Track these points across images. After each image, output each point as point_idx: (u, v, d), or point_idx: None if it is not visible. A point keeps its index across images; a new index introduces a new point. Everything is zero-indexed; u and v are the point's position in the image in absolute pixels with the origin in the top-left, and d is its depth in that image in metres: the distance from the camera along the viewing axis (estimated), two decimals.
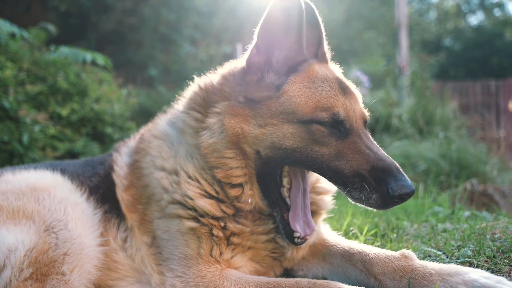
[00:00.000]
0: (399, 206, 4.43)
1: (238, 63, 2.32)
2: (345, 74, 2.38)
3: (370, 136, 2.15)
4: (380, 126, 9.22)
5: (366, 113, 2.24)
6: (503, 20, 39.27)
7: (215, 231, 2.13)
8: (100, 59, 6.79)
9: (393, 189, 1.88)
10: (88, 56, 6.58)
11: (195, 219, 2.15)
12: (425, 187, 5.52)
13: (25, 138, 5.40)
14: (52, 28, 7.67)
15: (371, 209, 1.99)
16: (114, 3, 15.96)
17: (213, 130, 2.15)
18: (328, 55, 2.38)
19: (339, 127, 2.05)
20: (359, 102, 2.24)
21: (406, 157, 6.52)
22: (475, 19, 44.18)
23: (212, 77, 2.36)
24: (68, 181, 2.42)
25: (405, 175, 1.95)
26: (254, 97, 2.12)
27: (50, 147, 5.83)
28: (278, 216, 2.18)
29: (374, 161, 1.97)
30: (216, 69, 2.43)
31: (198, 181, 2.19)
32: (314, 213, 2.37)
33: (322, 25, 2.27)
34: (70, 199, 2.25)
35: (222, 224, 2.15)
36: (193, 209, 2.15)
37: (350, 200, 2.02)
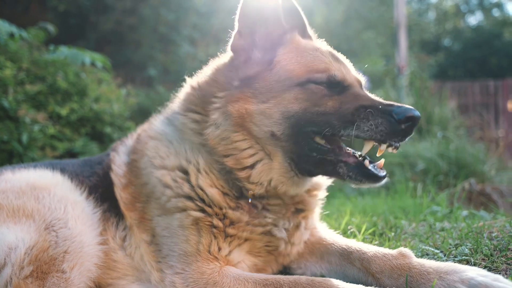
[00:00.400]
0: (397, 205, 4.47)
1: (226, 54, 2.41)
2: None
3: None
4: None
5: (361, 78, 2.34)
6: (501, 20, 39.31)
7: (215, 221, 2.15)
8: (99, 60, 6.81)
9: (397, 113, 1.95)
10: (87, 58, 6.60)
11: (201, 210, 2.18)
12: (424, 187, 5.53)
13: (25, 137, 5.41)
14: (51, 28, 7.68)
15: (386, 146, 2.02)
16: (113, 3, 15.94)
17: (218, 123, 2.18)
18: (314, 36, 2.50)
19: (336, 86, 2.13)
20: (352, 70, 2.33)
21: (404, 156, 6.53)
22: (474, 19, 44.24)
23: (204, 73, 2.42)
24: (67, 180, 2.43)
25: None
26: (248, 74, 2.19)
27: (50, 147, 5.84)
28: (344, 167, 2.10)
29: (376, 100, 2.08)
30: (203, 67, 2.49)
31: (207, 173, 2.23)
32: (308, 211, 2.40)
33: (302, 13, 2.43)
34: (70, 197, 2.27)
35: (224, 212, 2.18)
36: (201, 199, 2.19)
37: (361, 135, 2.00)
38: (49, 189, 2.25)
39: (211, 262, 2.11)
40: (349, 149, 2.17)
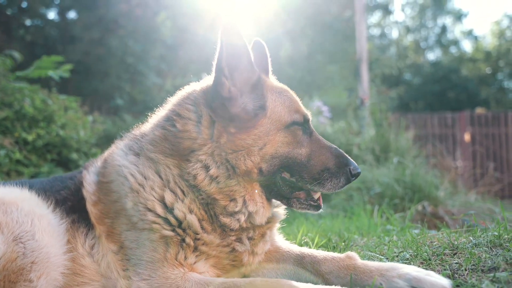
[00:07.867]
0: (354, 225, 4.68)
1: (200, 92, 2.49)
2: (307, 105, 2.73)
3: None
4: None
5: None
6: (458, 56, 41.32)
7: (187, 239, 2.27)
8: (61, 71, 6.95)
9: (352, 169, 2.39)
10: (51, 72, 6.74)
11: (172, 230, 2.27)
12: (379, 209, 5.76)
13: None
14: (17, 55, 7.75)
15: (338, 190, 2.43)
16: (81, 34, 16.00)
17: (207, 165, 2.31)
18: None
19: (307, 125, 2.46)
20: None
21: (363, 182, 6.77)
22: (433, 55, 46.18)
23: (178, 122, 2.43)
24: (34, 195, 2.49)
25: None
26: (248, 125, 2.32)
27: (15, 172, 5.83)
28: (296, 202, 2.45)
29: (334, 151, 2.44)
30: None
31: (187, 201, 2.32)
32: (273, 222, 2.57)
33: (268, 55, 2.71)
34: (37, 211, 2.33)
35: (198, 236, 2.29)
36: (176, 223, 2.28)
37: (324, 191, 2.40)
38: (16, 204, 2.31)
39: (176, 268, 2.22)
40: None
